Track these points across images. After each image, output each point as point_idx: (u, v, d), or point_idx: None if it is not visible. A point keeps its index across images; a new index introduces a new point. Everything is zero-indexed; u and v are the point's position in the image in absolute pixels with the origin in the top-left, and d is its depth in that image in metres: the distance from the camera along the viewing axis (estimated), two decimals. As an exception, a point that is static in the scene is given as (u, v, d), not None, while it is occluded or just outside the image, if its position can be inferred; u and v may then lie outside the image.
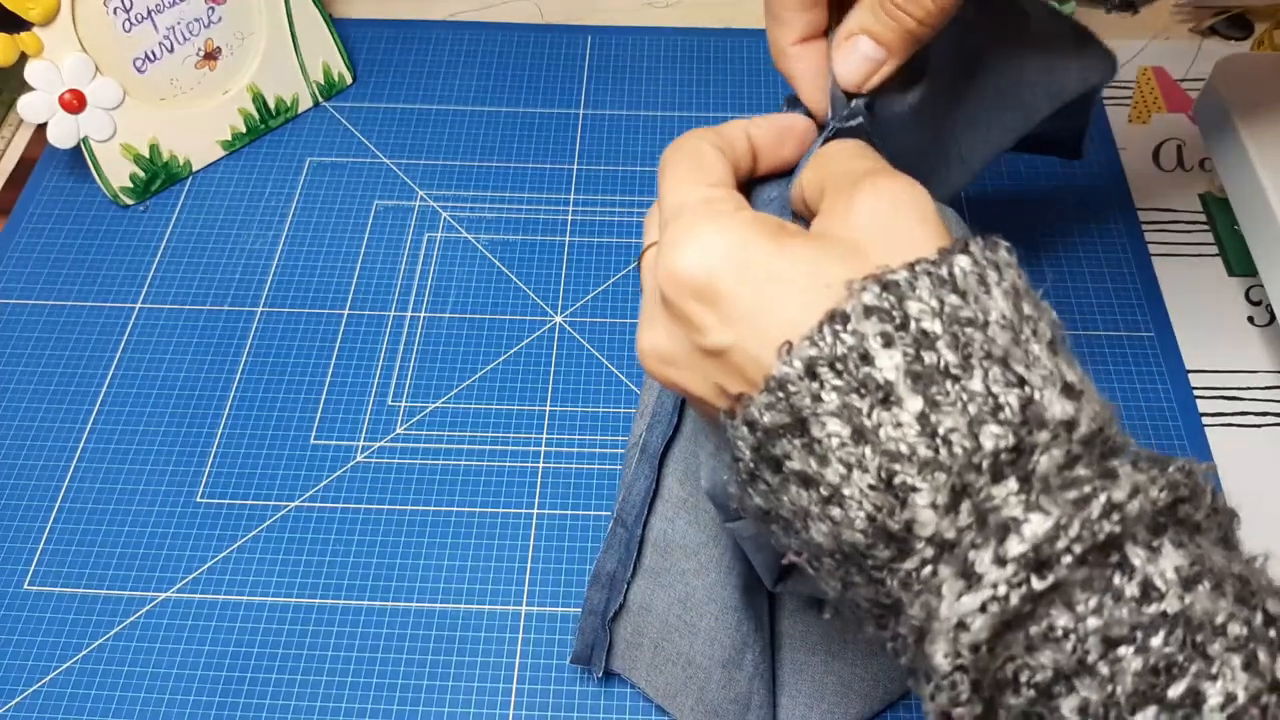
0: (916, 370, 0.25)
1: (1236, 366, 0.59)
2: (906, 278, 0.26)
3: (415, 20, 0.76)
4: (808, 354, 0.26)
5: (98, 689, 0.49)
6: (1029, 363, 0.26)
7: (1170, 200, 0.66)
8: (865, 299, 0.26)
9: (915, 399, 0.25)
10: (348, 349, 0.60)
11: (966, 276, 0.27)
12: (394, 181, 0.67)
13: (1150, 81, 0.72)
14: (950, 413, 0.25)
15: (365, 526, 0.53)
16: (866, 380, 0.26)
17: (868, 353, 0.26)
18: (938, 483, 0.25)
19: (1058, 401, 0.25)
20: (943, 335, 0.26)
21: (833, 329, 0.26)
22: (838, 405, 0.26)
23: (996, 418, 0.25)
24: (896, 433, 0.25)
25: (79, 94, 0.61)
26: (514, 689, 0.49)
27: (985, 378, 0.25)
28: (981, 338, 0.26)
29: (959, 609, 0.25)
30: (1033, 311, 0.27)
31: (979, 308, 0.26)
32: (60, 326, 0.61)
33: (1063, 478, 0.25)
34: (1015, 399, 0.25)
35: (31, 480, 0.55)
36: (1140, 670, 0.23)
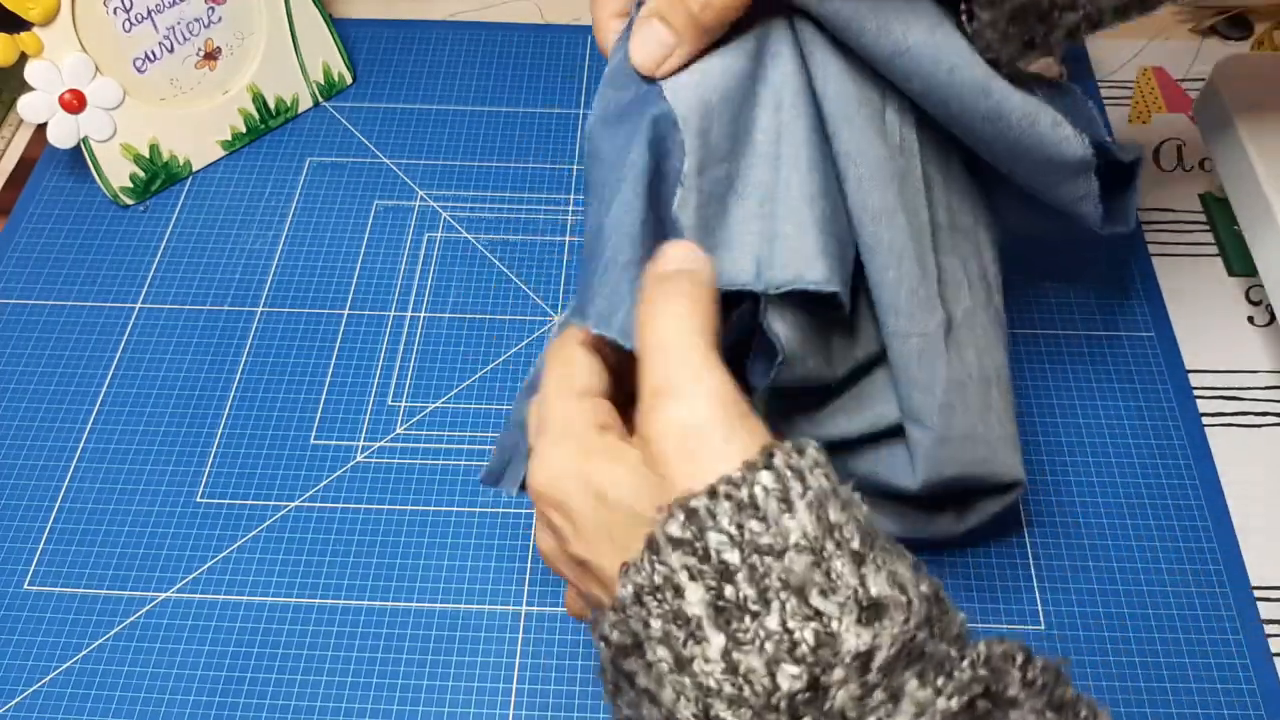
0: (719, 604, 0.26)
1: (1236, 366, 0.59)
2: (707, 505, 0.27)
3: (415, 20, 0.76)
4: (635, 580, 0.27)
5: (98, 689, 0.49)
6: (830, 586, 0.26)
7: (1170, 200, 0.66)
8: (669, 529, 0.27)
9: (719, 636, 0.26)
10: (348, 349, 0.60)
11: (768, 496, 0.27)
12: (394, 181, 0.67)
13: (1150, 81, 0.72)
14: (749, 651, 0.25)
15: (365, 526, 0.53)
16: (679, 613, 0.26)
17: (678, 585, 0.26)
18: (744, 718, 0.25)
19: (853, 633, 0.25)
20: (741, 567, 0.26)
21: (650, 557, 0.27)
22: (661, 633, 0.27)
23: (793, 655, 0.25)
24: (707, 667, 0.26)
25: (79, 94, 0.61)
26: (514, 689, 0.49)
27: (782, 612, 0.26)
28: (780, 567, 0.26)
29: None
30: (839, 517, 0.27)
31: (778, 530, 0.26)
32: (60, 326, 0.61)
33: (860, 708, 0.25)
34: (811, 634, 0.25)
35: (31, 480, 0.55)
36: None
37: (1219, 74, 0.59)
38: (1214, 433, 0.56)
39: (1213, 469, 0.54)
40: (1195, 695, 0.48)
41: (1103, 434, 0.55)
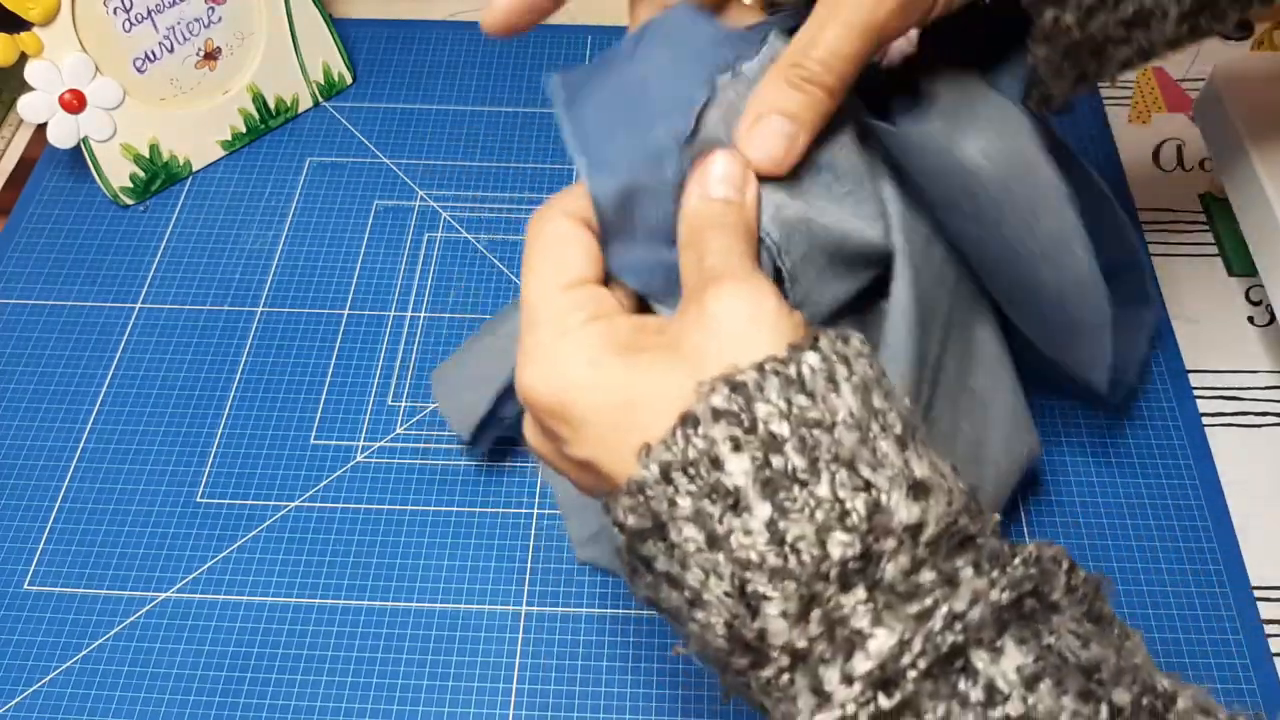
0: (765, 475, 0.25)
1: (1236, 366, 0.59)
2: (755, 379, 0.26)
3: (415, 20, 0.76)
4: (662, 458, 0.26)
5: (98, 689, 0.49)
6: (876, 463, 0.26)
7: (1170, 200, 0.66)
8: (714, 401, 0.26)
9: (764, 505, 0.25)
10: (348, 349, 0.60)
11: (815, 375, 0.27)
12: (394, 181, 0.67)
13: (1150, 81, 0.72)
14: (798, 520, 0.25)
15: (365, 526, 0.53)
16: (717, 486, 0.26)
17: (718, 457, 0.26)
18: (788, 591, 0.25)
19: (904, 505, 0.26)
20: (790, 438, 0.26)
21: (684, 433, 0.26)
22: (691, 510, 0.26)
23: (844, 524, 0.25)
24: (747, 540, 0.25)
25: (79, 94, 0.61)
26: (514, 689, 0.49)
27: (833, 482, 0.25)
28: (829, 440, 0.26)
29: None
30: (883, 405, 0.27)
31: (826, 407, 0.26)
32: (60, 326, 0.61)
33: (909, 583, 0.25)
34: (862, 504, 0.25)
35: (31, 480, 0.55)
36: None
37: (1219, 74, 0.59)
38: (1214, 433, 0.56)
39: (1213, 469, 0.54)
40: (1195, 695, 0.48)
41: (1102, 434, 0.55)
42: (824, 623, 0.25)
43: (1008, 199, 0.39)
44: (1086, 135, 0.69)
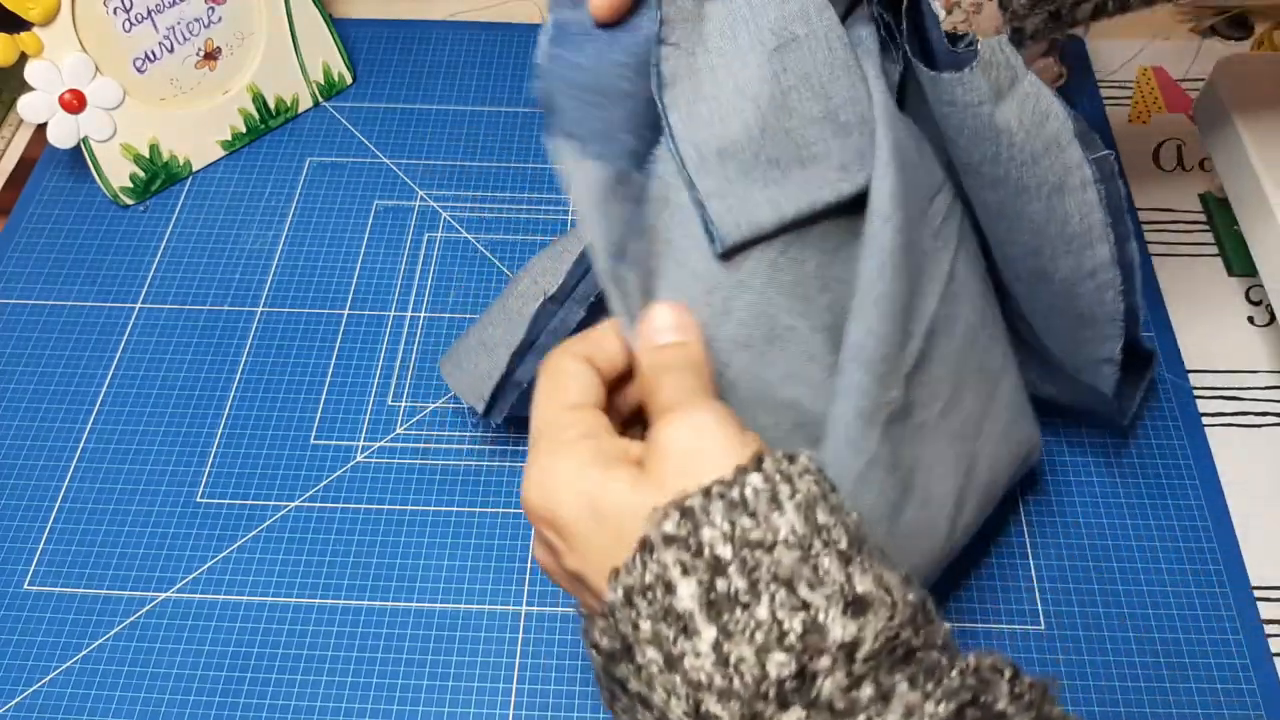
0: (710, 598, 0.27)
1: (1236, 366, 0.59)
2: (701, 503, 0.28)
3: (415, 20, 0.76)
4: (625, 582, 0.28)
5: (98, 689, 0.49)
6: (816, 580, 0.27)
7: (1170, 200, 0.66)
8: (665, 528, 0.27)
9: (710, 629, 0.26)
10: (348, 349, 0.60)
11: (758, 495, 0.28)
12: (394, 181, 0.67)
13: (1150, 81, 0.72)
14: (740, 641, 0.26)
15: (365, 526, 0.53)
16: (669, 609, 0.27)
17: (670, 581, 0.27)
18: (733, 711, 0.26)
19: (839, 623, 0.26)
20: (733, 560, 0.27)
21: (642, 558, 0.27)
22: (651, 633, 0.27)
23: (781, 644, 0.26)
24: (697, 662, 0.26)
25: (79, 94, 0.61)
26: (514, 689, 0.49)
27: (772, 603, 0.26)
28: (769, 560, 0.27)
29: None
30: (827, 520, 0.28)
31: (768, 527, 0.27)
32: (60, 326, 0.61)
33: (847, 699, 0.26)
34: (799, 623, 0.26)
35: (31, 480, 0.55)
36: None
37: (1219, 74, 0.59)
38: (1214, 433, 0.56)
39: (1213, 469, 0.54)
40: (1195, 695, 0.48)
41: (1102, 434, 0.55)
42: None
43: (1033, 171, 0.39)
44: (1086, 135, 0.69)
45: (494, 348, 0.50)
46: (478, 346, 0.50)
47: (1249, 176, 0.56)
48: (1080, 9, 0.39)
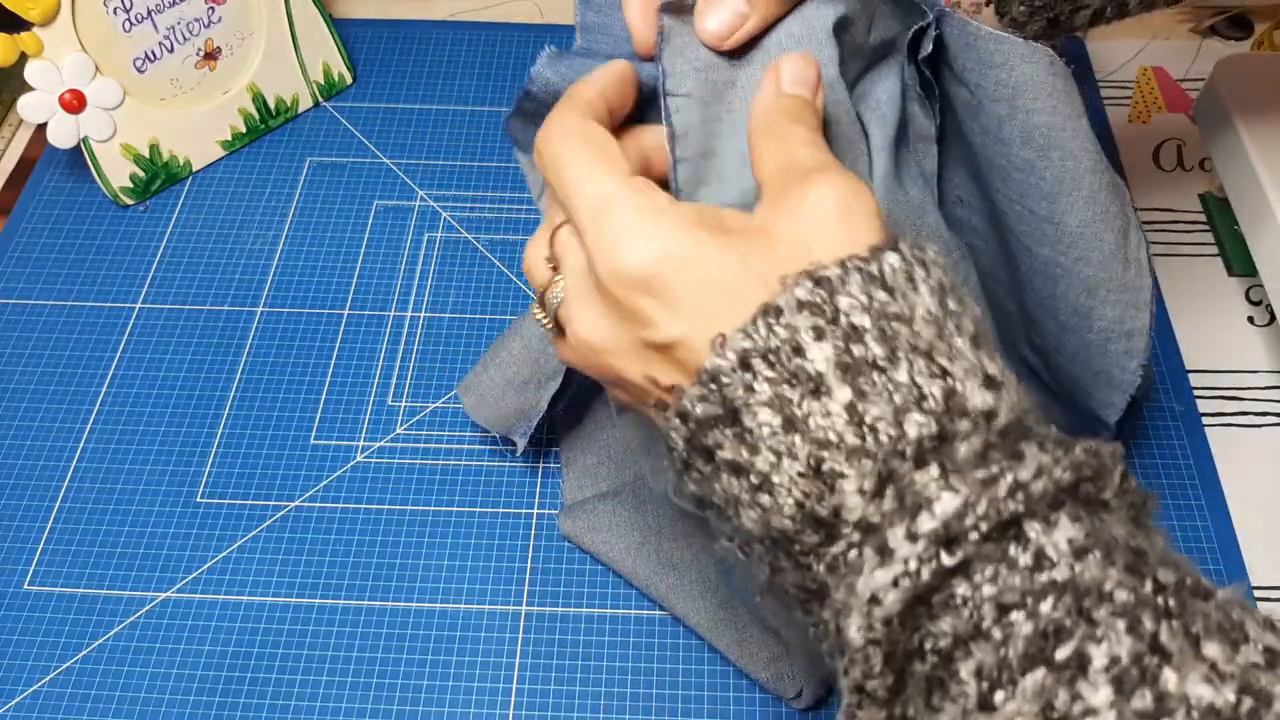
0: (845, 362, 0.26)
1: (1236, 366, 0.59)
2: (838, 274, 0.27)
3: (415, 20, 0.76)
4: (741, 346, 0.27)
5: (98, 689, 0.49)
6: (952, 356, 0.27)
7: (1170, 200, 0.66)
8: (798, 294, 0.27)
9: (844, 389, 0.26)
10: (348, 349, 0.60)
11: (895, 274, 0.28)
12: (394, 181, 0.67)
13: (1150, 81, 0.72)
14: (877, 402, 0.26)
15: (365, 526, 0.53)
16: (798, 371, 0.27)
17: (799, 345, 0.27)
18: (864, 469, 0.26)
19: (978, 393, 0.27)
20: (871, 329, 0.27)
21: (766, 322, 0.27)
22: (769, 396, 0.27)
23: (921, 407, 0.26)
24: (825, 421, 0.26)
25: (79, 94, 0.61)
26: (514, 689, 0.49)
27: (910, 369, 0.27)
28: (907, 332, 0.27)
29: (872, 583, 0.25)
30: (957, 307, 0.28)
31: (905, 304, 0.27)
32: (60, 326, 0.61)
33: (983, 460, 0.26)
34: (939, 389, 0.26)
35: (31, 480, 0.55)
36: (1030, 634, 0.24)
37: (1219, 74, 0.59)
38: (1214, 433, 0.56)
39: (1213, 469, 0.54)
40: (1195, 695, 0.48)
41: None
42: (898, 497, 0.26)
43: (1108, 199, 0.39)
44: (1086, 135, 0.69)
45: (522, 386, 0.50)
46: (504, 385, 0.51)
47: (1249, 176, 0.56)
48: (1079, 15, 0.39)
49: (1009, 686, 0.24)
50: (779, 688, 0.48)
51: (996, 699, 0.24)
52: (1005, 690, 0.24)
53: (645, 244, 0.30)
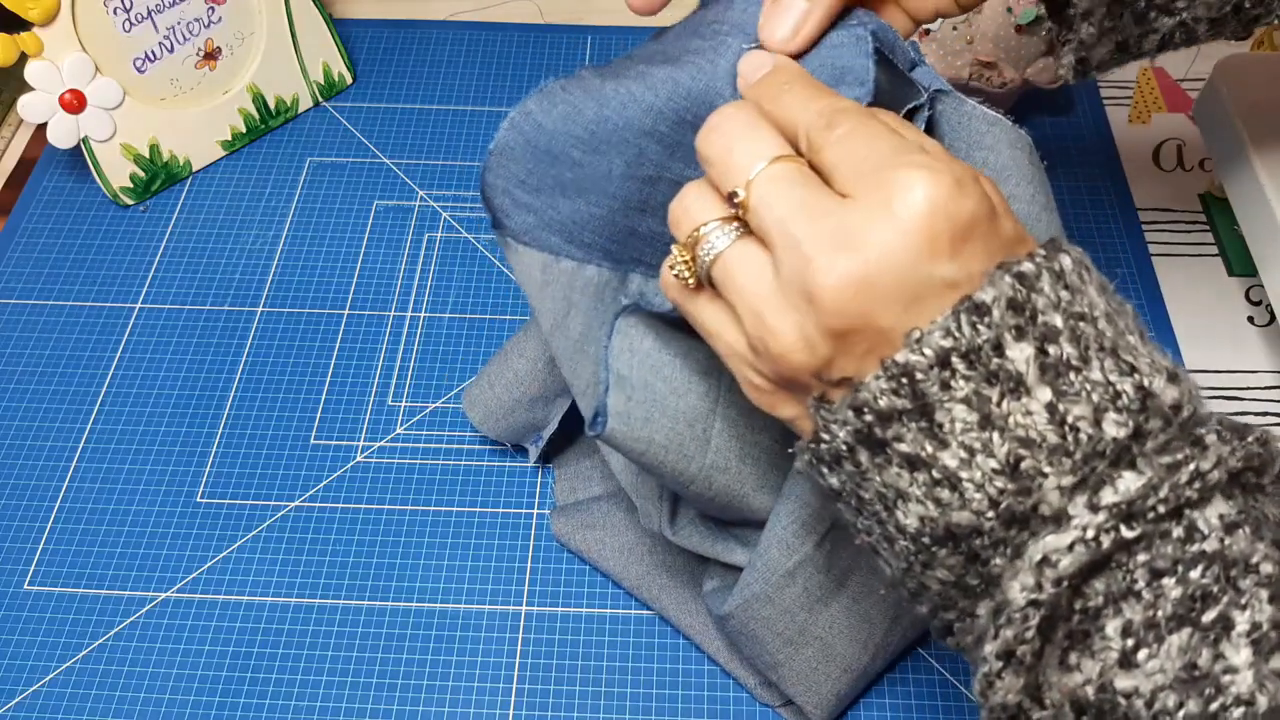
0: (1044, 362, 0.27)
1: (1236, 366, 0.59)
2: (1033, 269, 0.27)
3: (415, 20, 0.76)
4: (940, 344, 0.27)
5: (98, 689, 0.49)
6: (1134, 352, 0.28)
7: (1170, 200, 0.66)
8: (1005, 290, 0.27)
9: (1045, 390, 0.27)
10: (348, 349, 0.60)
11: (1071, 272, 0.28)
12: (394, 181, 0.67)
13: (1150, 81, 0.72)
14: (1077, 402, 0.27)
15: (365, 526, 0.53)
16: (999, 371, 0.27)
17: (1000, 344, 0.27)
18: (1064, 468, 0.26)
19: (1166, 388, 0.27)
20: (1064, 329, 0.27)
21: (970, 321, 0.27)
22: (967, 393, 0.27)
23: (1116, 405, 0.27)
24: (1026, 420, 0.27)
25: (79, 94, 0.61)
26: (514, 689, 0.49)
27: (1102, 368, 0.27)
28: (1093, 331, 0.27)
29: (1045, 546, 0.26)
30: (1118, 305, 0.29)
31: (1086, 302, 0.28)
32: (60, 326, 0.61)
33: (1172, 454, 0.27)
34: (1131, 386, 0.27)
35: (31, 480, 0.55)
36: (1179, 598, 0.26)
37: (1219, 74, 0.59)
38: (1214, 433, 0.56)
39: (1213, 469, 0.54)
40: (1195, 695, 0.48)
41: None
42: (1094, 491, 0.27)
43: None
44: (1086, 135, 0.69)
45: (532, 404, 0.51)
46: (513, 404, 0.51)
47: (1249, 176, 0.56)
48: (1147, 40, 0.38)
49: (1154, 645, 0.26)
50: (768, 695, 0.48)
51: (1139, 656, 0.26)
52: (1149, 648, 0.26)
53: (872, 247, 0.27)
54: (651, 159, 0.38)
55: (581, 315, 0.43)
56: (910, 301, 0.27)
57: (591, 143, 0.39)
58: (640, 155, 0.38)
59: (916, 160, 0.28)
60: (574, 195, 0.40)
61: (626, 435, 0.40)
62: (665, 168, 0.39)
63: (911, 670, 0.49)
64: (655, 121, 0.38)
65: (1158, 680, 0.26)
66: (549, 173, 0.40)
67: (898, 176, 0.28)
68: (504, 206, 0.42)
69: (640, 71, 0.38)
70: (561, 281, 0.42)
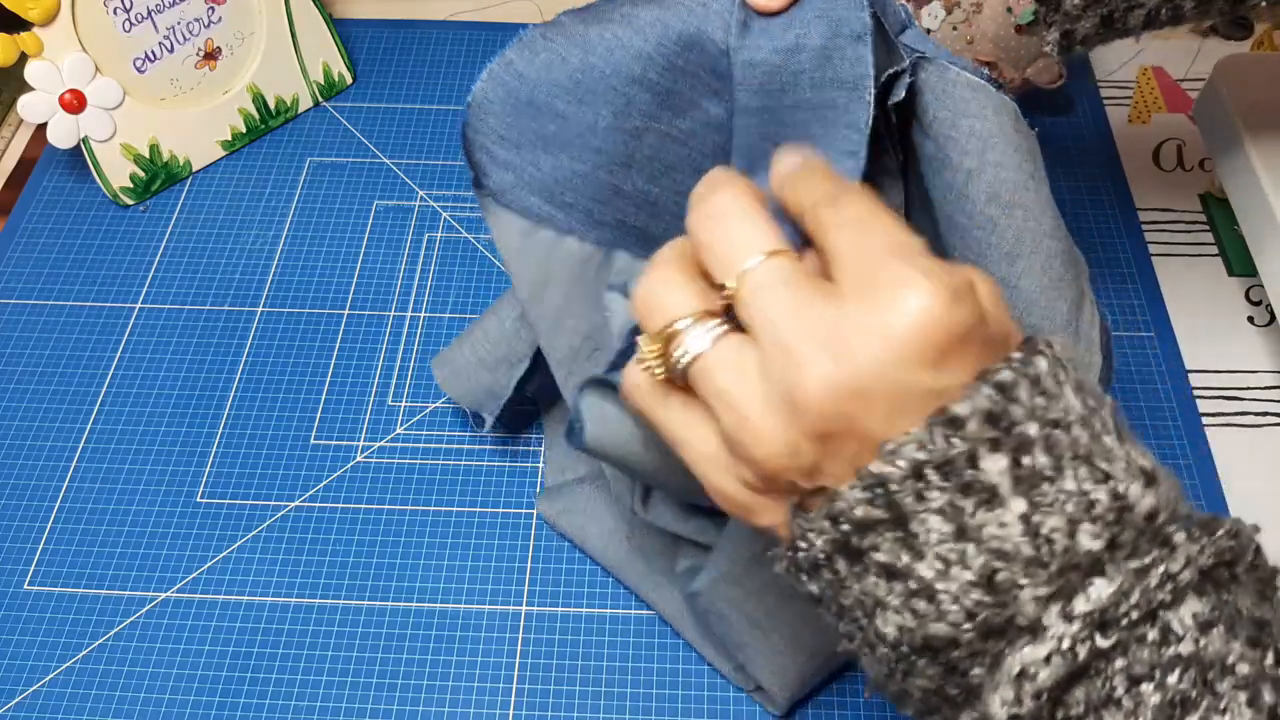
0: (1018, 474, 0.26)
1: (1236, 366, 0.59)
2: (1011, 379, 0.27)
3: (415, 20, 0.76)
4: (914, 457, 0.26)
5: (98, 689, 0.49)
6: (1109, 457, 0.27)
7: (1170, 200, 0.66)
8: (981, 403, 0.26)
9: (1019, 502, 0.26)
10: (348, 349, 0.60)
11: (1046, 377, 0.27)
12: (394, 181, 0.67)
13: (1150, 81, 0.72)
14: (1050, 513, 0.26)
15: (365, 526, 0.53)
16: (972, 483, 0.26)
17: (976, 456, 0.26)
18: (1039, 579, 0.26)
19: (1142, 495, 0.27)
20: (1038, 439, 0.27)
21: (944, 434, 0.26)
22: (942, 504, 0.26)
23: (1090, 515, 0.27)
24: (1001, 532, 0.26)
25: (79, 94, 0.61)
26: (514, 689, 0.49)
27: (1076, 477, 0.27)
28: (1067, 439, 0.27)
29: (1023, 658, 0.26)
30: (1095, 404, 0.28)
31: (1060, 408, 0.27)
32: (60, 326, 0.61)
33: (1141, 559, 0.27)
34: (1105, 494, 0.27)
35: (31, 480, 0.55)
36: (1159, 704, 0.26)
37: (1219, 74, 0.59)
38: (1214, 433, 0.56)
39: (1213, 469, 0.54)
40: (1195, 695, 0.48)
41: (1103, 434, 0.55)
42: (1067, 599, 0.27)
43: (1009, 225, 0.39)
44: (1086, 135, 0.69)
45: (494, 366, 0.50)
46: (477, 363, 0.51)
47: (1249, 177, 0.56)
48: (1133, 14, 0.38)
49: None
50: (741, 679, 0.48)
51: None
52: None
53: (859, 362, 0.27)
54: (640, 108, 0.37)
55: (561, 288, 0.42)
56: (897, 410, 0.27)
57: (576, 92, 0.37)
58: (628, 104, 0.37)
59: (917, 266, 0.27)
60: (556, 150, 0.39)
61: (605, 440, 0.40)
62: (654, 117, 0.37)
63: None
64: (645, 68, 0.36)
65: None
66: (530, 126, 0.39)
67: (895, 283, 0.27)
68: (482, 164, 0.40)
69: (625, 14, 0.36)
70: (540, 251, 0.41)
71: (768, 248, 0.29)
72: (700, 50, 0.35)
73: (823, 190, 0.30)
